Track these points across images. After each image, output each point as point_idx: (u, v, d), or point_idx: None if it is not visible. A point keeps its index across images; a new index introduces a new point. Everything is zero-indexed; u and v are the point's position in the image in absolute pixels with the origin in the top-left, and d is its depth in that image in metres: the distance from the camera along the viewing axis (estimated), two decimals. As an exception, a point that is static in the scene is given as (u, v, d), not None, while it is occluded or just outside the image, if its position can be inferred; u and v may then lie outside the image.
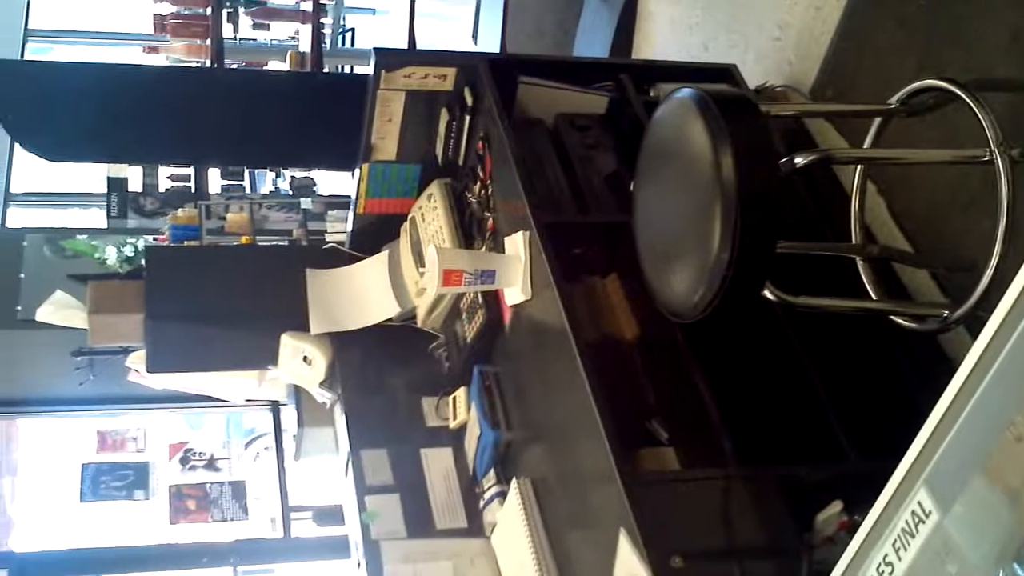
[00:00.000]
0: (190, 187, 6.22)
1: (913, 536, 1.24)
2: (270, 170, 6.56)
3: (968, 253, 2.46)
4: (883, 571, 1.29)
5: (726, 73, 3.16)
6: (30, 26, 8.07)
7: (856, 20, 3.02)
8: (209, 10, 6.69)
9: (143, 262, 3.82)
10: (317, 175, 6.32)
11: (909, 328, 2.26)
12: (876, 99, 2.51)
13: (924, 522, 1.22)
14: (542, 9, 5.55)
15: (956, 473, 1.19)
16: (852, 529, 1.95)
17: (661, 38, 4.37)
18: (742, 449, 2.28)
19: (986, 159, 2.04)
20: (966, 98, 2.11)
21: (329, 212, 5.40)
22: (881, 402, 2.44)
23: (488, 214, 2.85)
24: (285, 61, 6.91)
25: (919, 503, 1.23)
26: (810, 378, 2.45)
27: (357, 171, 3.18)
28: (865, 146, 2.46)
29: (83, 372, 4.80)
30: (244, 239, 5.20)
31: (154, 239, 5.28)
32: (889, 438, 1.59)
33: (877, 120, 2.42)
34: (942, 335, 2.41)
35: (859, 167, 2.50)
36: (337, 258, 3.48)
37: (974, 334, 1.17)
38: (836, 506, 2.11)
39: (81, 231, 5.85)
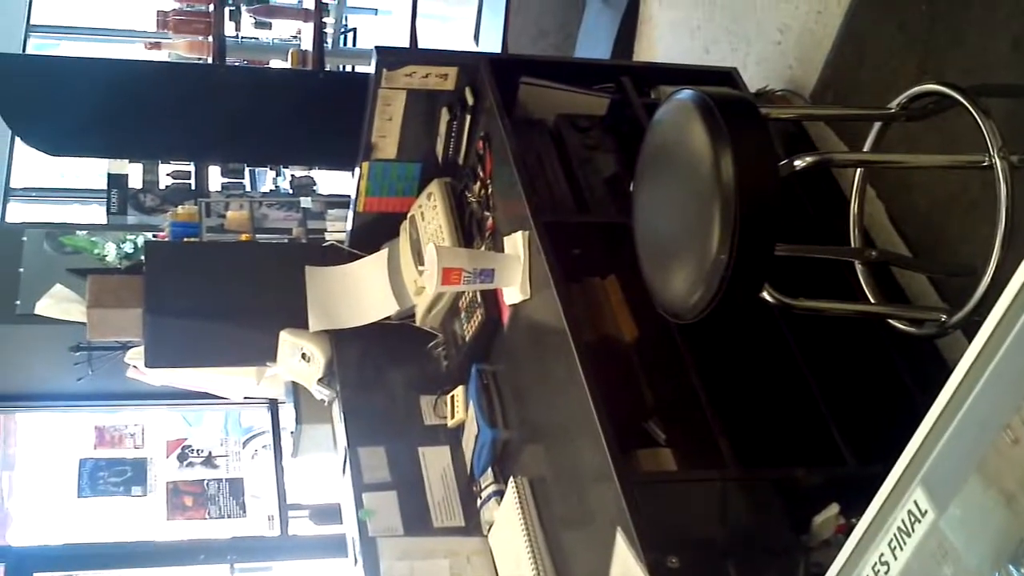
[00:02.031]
0: (190, 184, 6.22)
1: (909, 535, 1.24)
2: (270, 168, 6.57)
3: (966, 258, 2.47)
4: (879, 570, 1.30)
5: (727, 76, 3.16)
6: (32, 22, 8.08)
7: (857, 24, 3.02)
8: (211, 7, 6.70)
9: (143, 258, 3.83)
10: (317, 174, 6.32)
11: (907, 332, 2.26)
12: (876, 103, 2.52)
13: (920, 522, 1.23)
14: (544, 10, 5.55)
15: (952, 474, 1.19)
16: (849, 532, 1.96)
17: (662, 41, 4.38)
18: (739, 451, 2.28)
19: (986, 164, 2.05)
20: (966, 103, 2.12)
21: (329, 211, 5.40)
22: (878, 405, 2.44)
23: (488, 213, 2.85)
24: (287, 59, 6.92)
25: (915, 503, 1.24)
26: (808, 381, 2.45)
27: (357, 169, 3.18)
28: (865, 150, 2.47)
29: (82, 367, 4.81)
30: (244, 237, 5.20)
31: (154, 236, 5.28)
32: (886, 441, 1.59)
33: (877, 124, 2.43)
34: (940, 339, 2.41)
35: (858, 171, 2.50)
36: (336, 256, 3.48)
37: (972, 339, 1.17)
38: (833, 509, 2.12)
39: (81, 227, 5.86)
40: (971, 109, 2.10)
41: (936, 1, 2.67)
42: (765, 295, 2.08)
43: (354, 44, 7.93)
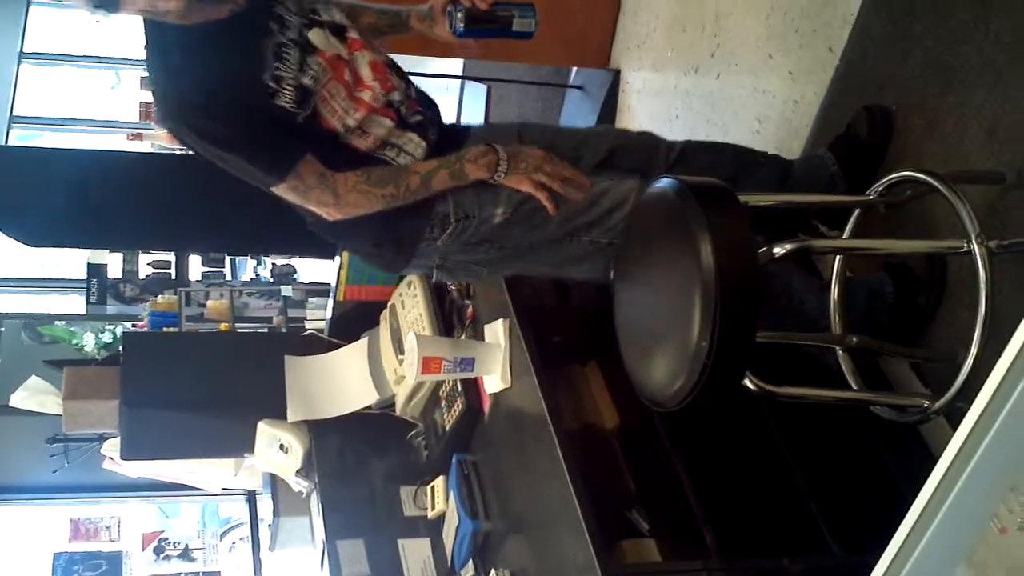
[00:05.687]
0: (170, 274, 6.21)
1: (897, 630, 1.22)
2: (251, 257, 6.56)
3: (947, 343, 2.46)
4: (867, 666, 1.27)
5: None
6: (15, 113, 8.13)
7: (834, 113, 3.05)
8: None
9: (120, 348, 3.80)
10: (298, 262, 6.32)
11: (889, 419, 2.25)
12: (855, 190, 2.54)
13: (908, 616, 1.21)
14: (524, 98, 5.61)
15: (940, 565, 1.17)
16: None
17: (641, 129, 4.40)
18: (724, 540, 2.26)
19: (964, 250, 2.05)
20: (944, 190, 2.13)
21: (309, 299, 5.38)
22: (862, 492, 2.43)
23: (468, 302, 2.84)
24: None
25: (902, 596, 1.21)
26: (791, 468, 2.44)
27: (338, 258, 3.18)
28: (844, 236, 2.48)
29: (58, 459, 4.74)
30: (223, 326, 5.17)
31: (133, 325, 5.26)
32: (871, 528, 1.57)
33: (856, 211, 2.44)
34: (922, 425, 2.40)
35: (838, 257, 2.51)
36: (316, 345, 3.46)
37: (955, 425, 1.16)
38: (819, 599, 2.09)
39: (60, 317, 5.83)
40: (949, 195, 2.11)
41: (910, 92, 2.70)
42: (747, 382, 2.07)
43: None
